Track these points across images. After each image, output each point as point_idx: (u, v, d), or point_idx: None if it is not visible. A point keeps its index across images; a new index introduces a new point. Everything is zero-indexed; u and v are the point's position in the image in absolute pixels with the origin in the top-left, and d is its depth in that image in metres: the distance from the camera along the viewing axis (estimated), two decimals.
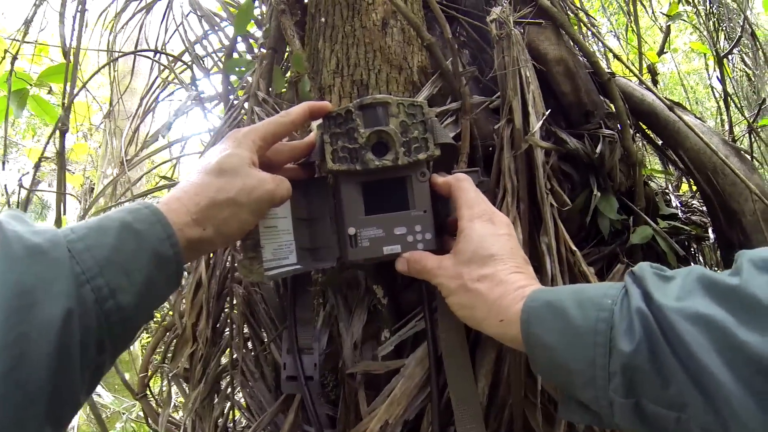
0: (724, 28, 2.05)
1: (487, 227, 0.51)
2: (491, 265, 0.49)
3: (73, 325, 0.35)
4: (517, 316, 0.45)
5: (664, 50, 1.79)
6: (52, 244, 0.36)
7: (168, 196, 0.46)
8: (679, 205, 1.11)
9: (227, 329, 0.84)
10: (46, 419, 0.33)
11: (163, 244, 0.42)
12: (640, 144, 1.17)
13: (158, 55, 1.29)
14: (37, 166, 0.97)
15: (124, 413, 1.75)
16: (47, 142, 1.05)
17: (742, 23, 1.62)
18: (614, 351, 0.37)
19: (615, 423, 0.39)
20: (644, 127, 1.10)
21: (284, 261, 0.57)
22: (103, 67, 1.26)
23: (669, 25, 1.53)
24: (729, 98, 1.45)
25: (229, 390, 0.83)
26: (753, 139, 1.37)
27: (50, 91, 1.20)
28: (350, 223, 0.56)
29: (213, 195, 0.46)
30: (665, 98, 0.99)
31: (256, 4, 1.16)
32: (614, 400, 0.38)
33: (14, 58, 1.11)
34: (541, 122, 0.67)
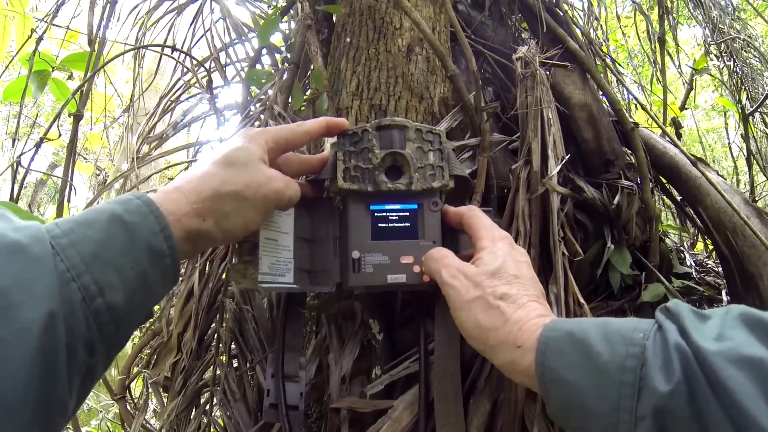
0: (746, 88, 2.04)
1: (510, 250, 0.49)
2: (515, 285, 0.45)
3: (56, 328, 0.32)
4: (534, 346, 0.40)
5: (686, 106, 1.77)
6: (34, 240, 0.33)
7: (168, 186, 0.43)
8: (693, 264, 1.07)
9: (213, 344, 0.81)
10: (31, 430, 0.30)
11: (157, 237, 0.38)
12: (658, 198, 1.14)
13: (182, 56, 1.30)
14: (38, 146, 0.96)
15: (101, 411, 1.70)
16: (51, 123, 1.04)
17: None
18: (645, 391, 0.33)
19: None
20: (664, 180, 1.07)
21: (280, 278, 0.55)
22: (123, 54, 1.26)
23: (693, 79, 1.51)
24: (752, 156, 1.42)
25: (208, 406, 0.79)
26: None
27: (70, 77, 1.20)
28: (355, 246, 0.54)
29: (217, 186, 0.43)
30: (689, 153, 0.97)
31: (285, 19, 1.17)
32: None
33: (40, 38, 1.11)
34: (560, 166, 0.65)
